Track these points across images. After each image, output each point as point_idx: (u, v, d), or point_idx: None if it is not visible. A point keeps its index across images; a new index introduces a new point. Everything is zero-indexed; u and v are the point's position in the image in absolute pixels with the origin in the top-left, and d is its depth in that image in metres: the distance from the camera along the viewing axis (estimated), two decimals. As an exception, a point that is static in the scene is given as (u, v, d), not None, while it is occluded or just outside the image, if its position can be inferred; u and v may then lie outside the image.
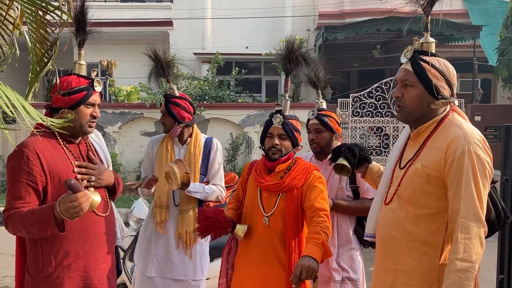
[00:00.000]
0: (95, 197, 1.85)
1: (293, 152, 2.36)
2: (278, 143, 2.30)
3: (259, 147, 2.45)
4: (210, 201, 2.98)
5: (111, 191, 2.23)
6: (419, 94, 1.80)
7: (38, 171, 1.93)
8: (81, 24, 2.13)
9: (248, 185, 2.43)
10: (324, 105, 2.83)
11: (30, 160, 1.92)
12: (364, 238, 2.17)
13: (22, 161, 1.92)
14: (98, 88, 2.11)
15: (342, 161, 2.22)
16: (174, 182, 2.68)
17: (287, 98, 2.40)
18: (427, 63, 1.79)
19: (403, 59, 1.87)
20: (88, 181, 2.06)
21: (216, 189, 2.94)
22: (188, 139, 2.96)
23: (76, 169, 2.04)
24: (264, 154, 2.37)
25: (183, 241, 2.85)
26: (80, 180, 2.03)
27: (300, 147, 2.39)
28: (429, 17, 1.86)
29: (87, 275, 2.05)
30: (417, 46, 1.85)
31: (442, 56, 1.85)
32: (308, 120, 2.78)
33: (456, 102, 1.87)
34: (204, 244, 2.97)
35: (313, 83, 2.82)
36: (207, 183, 2.98)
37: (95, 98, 2.10)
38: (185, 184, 2.70)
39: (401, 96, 1.85)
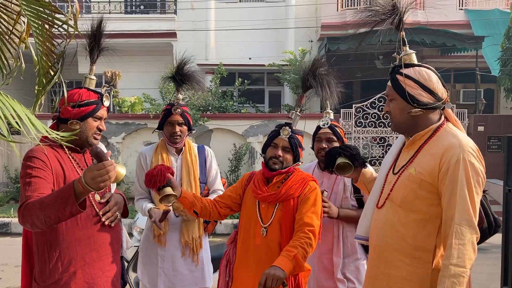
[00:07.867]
0: (121, 170, 1.85)
1: (292, 167, 2.37)
2: (281, 155, 2.32)
3: (261, 154, 2.46)
4: None
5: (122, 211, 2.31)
6: (399, 105, 1.90)
7: (49, 171, 2.00)
8: (96, 42, 2.23)
9: (246, 197, 2.44)
10: (332, 116, 2.84)
11: (43, 161, 2.00)
12: (355, 239, 2.20)
13: (36, 161, 1.99)
14: (107, 102, 2.21)
15: (343, 159, 2.26)
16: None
17: (297, 113, 2.43)
18: (401, 74, 1.88)
19: (389, 77, 1.96)
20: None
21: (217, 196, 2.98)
22: (182, 148, 2.95)
23: (101, 213, 2.12)
24: (264, 162, 2.39)
25: (190, 248, 2.84)
26: (104, 219, 2.12)
27: (300, 163, 2.42)
28: (403, 32, 1.97)
29: (93, 282, 2.07)
30: (398, 61, 1.94)
31: (426, 66, 1.92)
32: (318, 128, 2.77)
33: (455, 108, 1.93)
34: (208, 251, 2.98)
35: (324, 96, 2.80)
36: (208, 190, 3.00)
37: (102, 112, 2.19)
38: None
39: (389, 110, 1.95)
